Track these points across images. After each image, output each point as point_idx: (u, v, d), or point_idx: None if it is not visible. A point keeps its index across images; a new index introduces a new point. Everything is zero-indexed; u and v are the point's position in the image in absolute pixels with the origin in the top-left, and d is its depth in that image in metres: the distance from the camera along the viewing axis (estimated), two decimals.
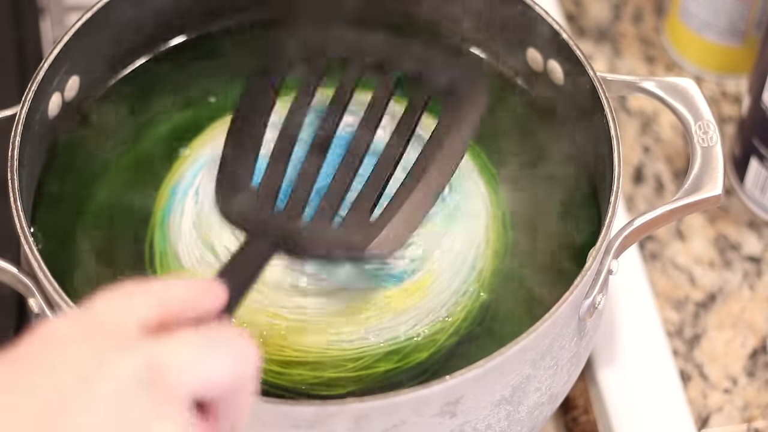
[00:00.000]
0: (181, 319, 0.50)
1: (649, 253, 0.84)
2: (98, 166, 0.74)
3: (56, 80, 0.71)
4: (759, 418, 0.78)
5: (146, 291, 0.49)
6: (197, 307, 0.51)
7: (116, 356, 0.47)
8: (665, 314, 0.82)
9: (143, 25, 0.76)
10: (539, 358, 0.65)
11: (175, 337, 0.48)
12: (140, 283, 0.50)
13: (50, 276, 0.63)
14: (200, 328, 0.49)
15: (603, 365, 0.78)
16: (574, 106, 0.73)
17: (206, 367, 0.48)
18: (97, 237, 0.71)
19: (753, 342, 0.81)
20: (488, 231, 0.71)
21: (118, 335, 0.48)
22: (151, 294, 0.49)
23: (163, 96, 0.77)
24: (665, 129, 0.90)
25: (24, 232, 0.64)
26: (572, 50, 0.72)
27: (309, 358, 0.67)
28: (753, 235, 0.85)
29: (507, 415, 0.65)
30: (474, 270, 0.70)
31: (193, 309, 0.50)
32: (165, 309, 0.49)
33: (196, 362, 0.48)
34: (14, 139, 0.67)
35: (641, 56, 0.94)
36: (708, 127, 0.70)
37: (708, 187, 0.69)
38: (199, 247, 0.69)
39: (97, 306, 0.49)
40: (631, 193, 0.87)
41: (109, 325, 0.48)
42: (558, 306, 0.63)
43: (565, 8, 0.96)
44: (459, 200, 0.71)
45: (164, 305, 0.49)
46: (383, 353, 0.67)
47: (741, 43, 0.91)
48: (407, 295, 0.68)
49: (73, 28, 0.72)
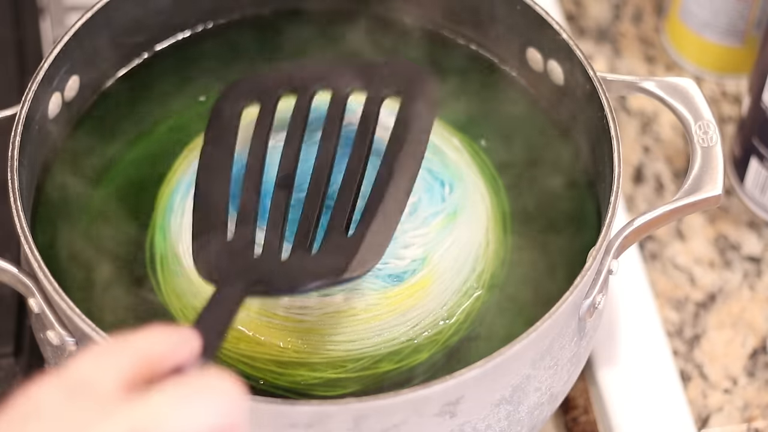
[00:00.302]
0: (161, 369, 0.50)
1: (649, 253, 0.84)
2: (98, 166, 0.74)
3: (56, 80, 0.71)
4: (759, 418, 0.78)
5: (124, 347, 0.49)
6: (175, 357, 0.50)
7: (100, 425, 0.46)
8: (665, 314, 0.82)
9: (143, 25, 0.76)
10: (539, 358, 0.65)
11: (155, 393, 0.48)
12: (118, 340, 0.50)
13: (50, 276, 0.63)
14: (179, 379, 0.49)
15: (603, 365, 0.78)
16: (574, 106, 0.73)
17: (191, 419, 0.47)
18: (97, 237, 0.71)
19: (753, 342, 0.81)
20: (488, 232, 0.71)
21: (100, 399, 0.47)
22: (129, 350, 0.49)
23: (163, 95, 0.77)
24: (665, 129, 0.90)
25: (24, 232, 0.64)
26: (572, 50, 0.72)
27: (309, 358, 0.67)
28: (753, 235, 0.85)
29: (507, 415, 0.65)
30: (474, 271, 0.70)
31: (172, 359, 0.50)
32: (144, 362, 0.49)
33: (179, 417, 0.47)
34: (14, 139, 0.67)
35: (641, 56, 0.94)
36: (708, 127, 0.70)
37: (708, 187, 0.69)
38: None
39: (77, 367, 0.48)
40: (631, 193, 0.87)
41: (90, 387, 0.47)
42: (558, 306, 0.63)
43: (565, 8, 0.96)
44: (459, 201, 0.71)
45: (143, 359, 0.49)
46: (384, 354, 0.67)
47: (741, 43, 0.91)
48: (408, 296, 0.68)
49: (72, 28, 0.72)
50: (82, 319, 0.62)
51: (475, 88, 0.77)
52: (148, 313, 0.68)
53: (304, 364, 0.67)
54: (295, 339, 0.67)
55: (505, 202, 0.73)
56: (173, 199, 0.71)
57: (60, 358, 0.65)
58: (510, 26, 0.76)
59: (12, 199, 0.65)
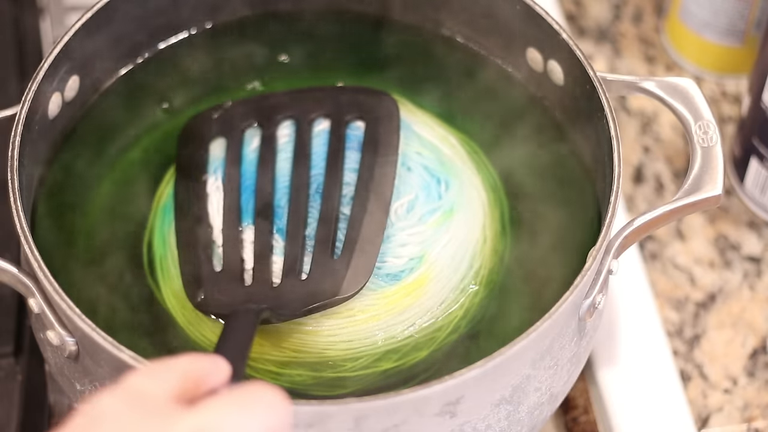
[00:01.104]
0: (201, 390, 0.52)
1: (649, 253, 0.84)
2: (98, 166, 0.74)
3: (56, 80, 0.71)
4: (759, 418, 0.78)
5: (171, 367, 0.52)
6: (211, 379, 0.53)
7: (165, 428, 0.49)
8: (665, 314, 0.82)
9: (143, 25, 0.76)
10: (539, 358, 0.65)
11: (212, 403, 0.51)
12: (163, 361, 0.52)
13: (50, 276, 0.63)
14: (231, 391, 0.52)
15: (603, 365, 0.78)
16: (573, 106, 0.73)
17: (249, 425, 0.50)
18: (97, 237, 0.71)
19: (753, 342, 0.81)
20: (486, 229, 0.71)
21: (159, 407, 0.50)
22: (175, 369, 0.52)
23: (164, 95, 0.77)
24: (665, 129, 0.90)
25: (24, 232, 0.64)
26: (572, 50, 0.72)
27: (308, 358, 0.67)
28: (753, 235, 0.85)
29: (507, 415, 0.65)
30: (472, 268, 0.70)
31: (209, 381, 0.53)
32: (189, 382, 0.52)
33: (239, 422, 0.50)
34: (14, 139, 0.67)
35: (641, 56, 0.94)
36: (708, 127, 0.70)
37: (708, 187, 0.68)
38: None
39: (132, 381, 0.51)
40: (631, 193, 0.87)
41: (148, 398, 0.50)
42: (558, 306, 0.63)
43: (565, 8, 0.96)
44: (456, 198, 0.71)
45: (188, 379, 0.52)
46: (382, 352, 0.67)
47: (741, 43, 0.91)
48: (406, 294, 0.68)
49: (73, 28, 0.72)
50: (82, 319, 0.62)
51: (474, 87, 0.77)
52: (148, 313, 0.69)
53: (303, 364, 0.67)
54: (294, 339, 0.67)
55: (503, 201, 0.73)
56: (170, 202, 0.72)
57: (60, 358, 0.66)
58: (510, 26, 0.76)
59: (12, 198, 0.65)
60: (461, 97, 0.77)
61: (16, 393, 0.72)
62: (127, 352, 0.60)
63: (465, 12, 0.78)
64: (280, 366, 0.67)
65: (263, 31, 0.79)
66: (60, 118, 0.73)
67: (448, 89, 0.77)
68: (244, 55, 0.78)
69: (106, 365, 0.62)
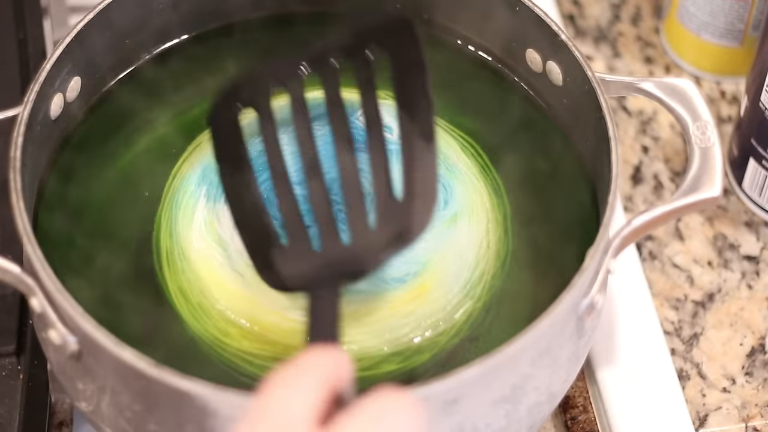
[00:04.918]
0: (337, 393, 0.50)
1: (647, 253, 0.84)
2: (101, 166, 0.74)
3: (58, 81, 0.71)
4: (757, 417, 0.78)
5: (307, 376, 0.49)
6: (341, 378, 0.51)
7: None
8: (664, 313, 0.82)
9: (145, 26, 0.77)
10: (538, 358, 0.65)
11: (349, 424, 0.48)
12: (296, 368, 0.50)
13: (53, 276, 0.63)
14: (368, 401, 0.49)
15: (602, 364, 0.79)
16: (573, 107, 0.74)
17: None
18: (101, 236, 0.71)
19: (751, 341, 0.81)
20: (489, 233, 0.71)
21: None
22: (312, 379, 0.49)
23: (166, 96, 0.77)
24: (664, 129, 0.90)
25: (26, 232, 0.64)
26: (571, 51, 0.72)
27: None
28: (751, 234, 0.86)
29: (506, 413, 0.65)
30: (475, 272, 0.70)
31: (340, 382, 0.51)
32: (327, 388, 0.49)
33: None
34: (16, 139, 0.67)
35: (640, 57, 0.94)
36: (706, 128, 0.70)
37: (706, 187, 0.69)
38: (207, 242, 0.69)
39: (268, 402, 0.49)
40: (630, 192, 0.87)
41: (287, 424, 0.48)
42: (556, 305, 0.63)
43: (564, 9, 0.96)
44: (459, 202, 0.71)
45: (325, 383, 0.49)
46: (386, 355, 0.67)
47: (739, 44, 0.91)
48: (410, 298, 0.68)
49: (75, 29, 0.72)
50: (84, 319, 0.62)
51: (473, 89, 0.77)
52: (153, 312, 0.69)
53: None
54: (298, 339, 0.67)
55: (505, 203, 0.73)
56: (178, 196, 0.72)
57: (62, 357, 0.66)
58: (509, 27, 0.76)
59: (14, 199, 0.65)
60: (461, 99, 0.77)
61: (19, 392, 0.72)
62: (129, 351, 0.60)
63: (463, 13, 0.78)
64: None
65: (264, 34, 0.79)
66: (62, 119, 0.73)
67: (448, 91, 0.77)
68: (246, 57, 0.78)
69: (108, 364, 0.62)
